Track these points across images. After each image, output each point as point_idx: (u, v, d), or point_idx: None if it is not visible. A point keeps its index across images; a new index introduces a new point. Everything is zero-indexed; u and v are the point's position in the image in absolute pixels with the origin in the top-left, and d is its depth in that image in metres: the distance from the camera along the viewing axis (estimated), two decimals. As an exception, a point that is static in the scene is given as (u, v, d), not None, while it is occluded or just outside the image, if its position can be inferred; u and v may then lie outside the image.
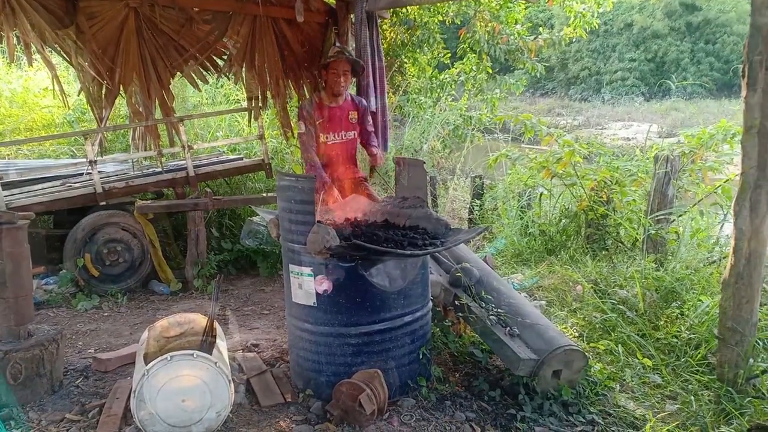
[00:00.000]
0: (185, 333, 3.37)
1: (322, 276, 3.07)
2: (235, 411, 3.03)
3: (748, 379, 3.12)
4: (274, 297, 5.05)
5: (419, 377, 3.22)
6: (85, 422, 2.98)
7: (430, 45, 10.15)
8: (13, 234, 3.19)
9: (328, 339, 3.14)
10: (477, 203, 6.87)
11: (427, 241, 3.11)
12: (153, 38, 4.83)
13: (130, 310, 4.72)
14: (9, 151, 5.95)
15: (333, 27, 5.13)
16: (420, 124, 9.28)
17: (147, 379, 2.81)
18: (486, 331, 3.31)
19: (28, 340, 3.21)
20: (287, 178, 3.21)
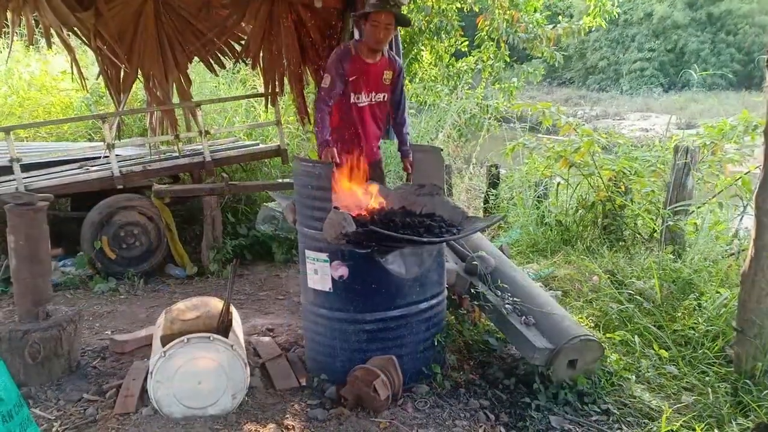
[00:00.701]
0: (201, 316, 3.39)
1: (338, 262, 3.08)
2: (250, 394, 3.04)
3: (767, 371, 3.09)
4: (289, 282, 5.07)
5: (434, 364, 3.22)
6: (102, 402, 3.01)
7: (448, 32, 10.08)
8: (32, 215, 3.22)
9: (344, 325, 3.15)
10: (493, 192, 6.84)
11: (443, 229, 3.09)
12: (171, 22, 4.84)
13: (147, 293, 4.76)
14: (27, 133, 5.99)
15: (351, 12, 5.09)
16: (436, 113, 9.23)
17: (164, 361, 2.84)
18: (501, 319, 3.30)
19: (47, 320, 3.25)
20: (304, 164, 3.21)
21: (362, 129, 4.12)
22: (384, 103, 4.15)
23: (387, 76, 4.09)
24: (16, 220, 3.17)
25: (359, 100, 4.04)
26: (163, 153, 5.81)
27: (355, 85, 3.99)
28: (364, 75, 3.99)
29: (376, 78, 4.05)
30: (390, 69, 4.10)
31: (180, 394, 2.85)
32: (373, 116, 4.14)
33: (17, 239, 3.17)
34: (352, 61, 3.95)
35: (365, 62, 3.97)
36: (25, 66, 6.89)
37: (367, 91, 4.05)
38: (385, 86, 4.11)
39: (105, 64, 4.87)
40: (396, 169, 7.92)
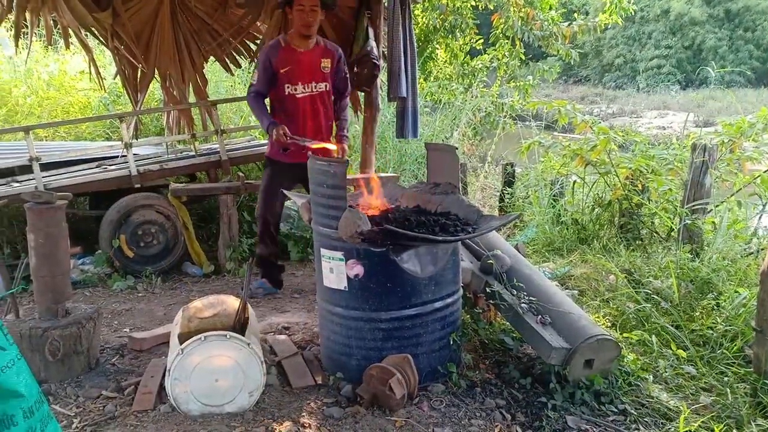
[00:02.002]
0: (218, 314, 3.41)
1: (353, 260, 3.08)
2: (267, 392, 3.06)
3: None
4: (304, 281, 5.08)
5: (449, 363, 3.21)
6: (121, 399, 3.04)
7: (463, 31, 10.08)
8: (51, 214, 3.25)
9: (359, 323, 3.15)
10: (508, 191, 6.82)
11: (459, 228, 3.09)
12: (187, 22, 4.88)
13: (164, 291, 4.80)
14: (46, 132, 6.06)
15: (366, 11, 5.10)
16: (451, 111, 9.22)
17: (182, 359, 2.86)
18: (517, 319, 3.29)
19: (66, 317, 3.28)
20: (319, 163, 3.22)
21: (303, 122, 4.07)
22: (328, 93, 4.07)
23: (325, 64, 4.01)
24: (36, 219, 3.21)
25: (296, 91, 3.98)
26: (180, 152, 5.85)
27: (289, 76, 3.95)
28: (298, 65, 3.94)
29: (312, 67, 3.98)
30: (327, 57, 4.03)
31: (197, 392, 2.88)
32: (314, 108, 4.06)
33: (37, 238, 3.21)
34: (281, 53, 3.94)
35: (297, 51, 3.94)
36: (44, 66, 6.97)
37: (303, 82, 3.98)
38: (324, 75, 4.03)
39: (122, 64, 4.92)
40: (411, 168, 7.94)
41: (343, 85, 4.15)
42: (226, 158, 5.47)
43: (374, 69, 5.04)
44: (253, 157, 5.87)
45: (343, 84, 4.15)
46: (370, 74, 5.06)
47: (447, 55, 10.18)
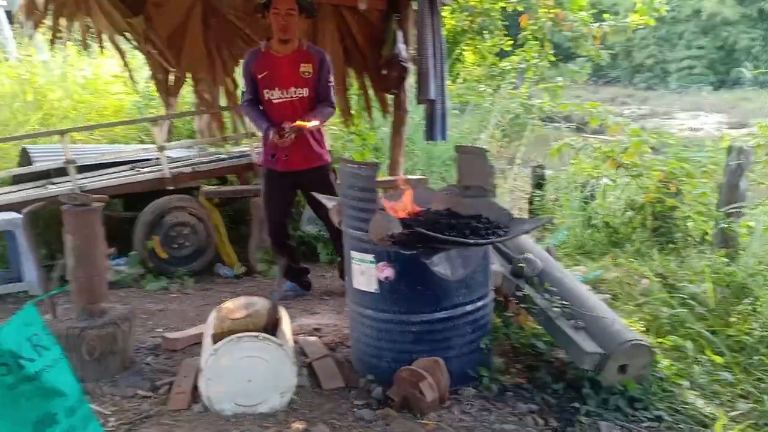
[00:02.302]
0: (250, 315, 3.44)
1: (383, 263, 3.09)
2: (298, 393, 3.07)
3: (827, 380, 2.99)
4: (333, 283, 5.10)
5: (480, 367, 3.20)
6: (155, 398, 3.09)
7: (491, 32, 10.04)
8: (88, 216, 3.32)
9: (389, 326, 3.16)
10: (538, 193, 6.76)
11: (490, 231, 3.08)
12: (218, 27, 4.93)
13: (196, 292, 4.85)
14: (81, 135, 6.17)
15: (394, 14, 5.11)
16: (479, 113, 9.18)
17: (215, 359, 2.89)
18: (549, 323, 3.27)
19: (102, 318, 3.34)
20: (350, 166, 3.24)
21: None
22: (309, 98, 3.92)
23: (305, 69, 3.88)
24: (73, 221, 3.27)
25: (273, 96, 3.90)
26: (211, 155, 5.92)
27: (266, 82, 3.88)
28: (275, 70, 3.87)
29: (291, 71, 3.86)
30: (308, 61, 3.88)
31: (230, 392, 2.91)
32: (293, 114, 3.90)
33: (74, 239, 3.27)
34: (260, 59, 3.89)
35: (275, 56, 3.86)
36: (78, 70, 7.11)
37: (280, 87, 3.87)
38: (304, 80, 3.89)
39: (155, 68, 4.99)
40: (439, 170, 7.92)
41: (324, 93, 3.98)
42: (257, 161, 5.52)
43: (403, 71, 5.05)
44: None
45: (325, 92, 3.98)
46: (399, 77, 5.08)
47: (475, 56, 10.13)
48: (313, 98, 3.96)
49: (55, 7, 4.48)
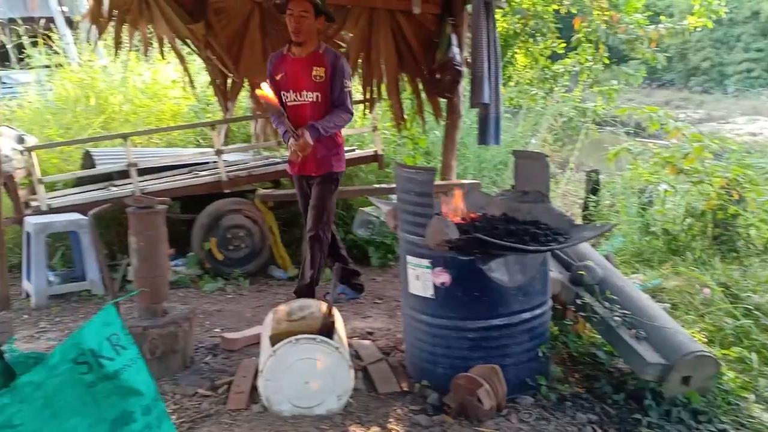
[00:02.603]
0: (306, 317, 3.48)
1: (440, 268, 3.08)
2: (354, 396, 3.09)
3: None
4: (385, 287, 5.11)
5: (538, 376, 3.15)
6: (215, 398, 3.14)
7: (544, 35, 9.92)
8: (152, 218, 3.41)
9: (445, 332, 3.14)
10: (592, 199, 6.64)
11: (549, 237, 3.04)
12: (275, 33, 5.00)
13: (251, 293, 4.92)
14: (140, 139, 6.34)
15: (449, 18, 5.09)
16: (531, 116, 9.08)
17: (273, 360, 2.93)
18: (610, 332, 3.20)
19: (164, 317, 3.43)
20: (407, 171, 3.24)
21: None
22: (320, 104, 3.86)
23: (317, 72, 3.81)
24: (138, 223, 3.36)
25: (288, 99, 3.89)
26: (266, 159, 6.00)
27: (282, 83, 3.87)
28: (289, 72, 3.84)
29: (303, 74, 3.82)
30: (320, 65, 3.81)
31: (288, 393, 2.94)
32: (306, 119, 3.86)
33: (138, 240, 3.36)
34: (279, 60, 3.89)
35: (290, 58, 3.84)
36: (138, 75, 7.31)
37: (294, 90, 3.85)
38: (316, 84, 3.82)
39: (214, 74, 5.09)
40: (490, 174, 7.86)
41: (340, 99, 3.89)
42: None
43: (457, 75, 5.03)
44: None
45: (340, 98, 3.89)
46: (453, 80, 5.07)
47: (527, 59, 10.02)
48: (325, 103, 3.89)
49: (119, 14, 4.63)
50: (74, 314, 4.49)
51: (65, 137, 6.24)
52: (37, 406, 1.48)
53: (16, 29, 8.14)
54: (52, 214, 4.87)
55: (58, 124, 6.48)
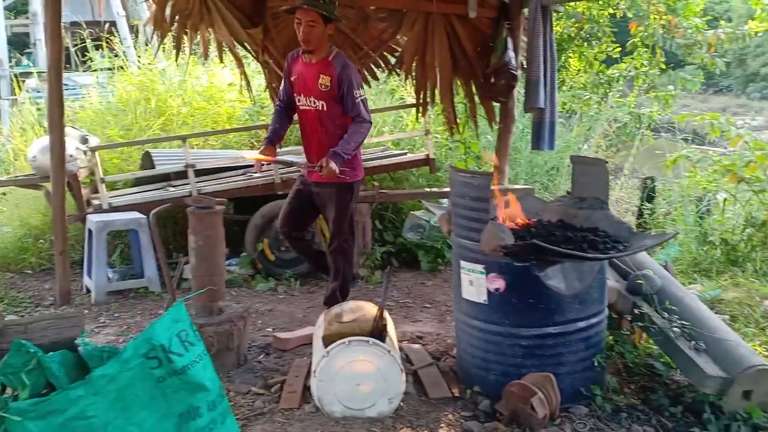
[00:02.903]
0: (357, 320, 3.50)
1: (494, 274, 3.06)
2: (405, 400, 3.10)
3: None
4: (435, 291, 5.10)
5: (593, 385, 3.10)
6: (268, 396, 3.19)
7: (599, 39, 9.76)
8: (211, 218, 3.48)
9: (498, 338, 3.12)
10: (647, 206, 6.49)
11: (608, 245, 2.98)
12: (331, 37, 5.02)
13: (303, 294, 4.98)
14: (196, 141, 6.47)
15: (505, 21, 5.05)
16: (585, 122, 8.94)
17: (327, 361, 2.96)
18: (668, 343, 3.13)
19: (220, 315, 3.50)
20: (462, 175, 3.23)
21: (308, 134, 3.91)
22: (327, 113, 3.79)
23: (323, 81, 3.73)
24: (197, 222, 3.44)
25: (300, 102, 3.86)
26: (318, 161, 6.05)
27: (296, 85, 3.86)
28: (303, 76, 3.81)
29: (311, 81, 3.78)
30: (327, 73, 3.73)
31: (340, 394, 2.96)
32: (314, 125, 3.83)
33: (197, 240, 3.44)
34: (294, 60, 3.88)
35: (304, 63, 3.81)
36: (196, 78, 7.47)
37: (305, 94, 3.82)
38: (321, 93, 3.75)
39: (271, 77, 5.17)
40: (542, 180, 7.77)
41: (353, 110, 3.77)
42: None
43: (512, 80, 4.98)
44: (388, 167, 5.99)
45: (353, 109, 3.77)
46: (508, 85, 5.02)
47: (581, 64, 9.87)
48: (329, 113, 3.81)
49: (180, 19, 4.74)
50: (132, 310, 4.62)
51: (125, 138, 6.43)
52: (109, 399, 1.54)
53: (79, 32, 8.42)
54: (112, 212, 5.02)
55: (119, 126, 6.68)
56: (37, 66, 11.93)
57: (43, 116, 7.18)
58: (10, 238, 5.88)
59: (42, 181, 5.07)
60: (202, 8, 4.59)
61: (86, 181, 5.50)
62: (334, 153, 3.68)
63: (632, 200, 7.79)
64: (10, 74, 11.26)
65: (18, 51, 16.80)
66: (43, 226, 5.91)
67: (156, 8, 4.65)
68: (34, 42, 13.65)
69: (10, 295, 4.97)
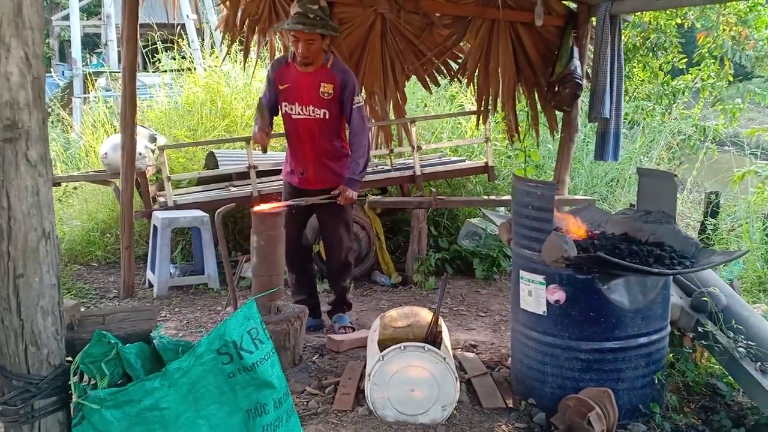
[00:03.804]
0: (411, 325, 3.51)
1: (555, 285, 3.02)
2: (458, 408, 3.09)
3: None
4: (489, 300, 5.07)
5: (652, 403, 3.03)
6: (322, 397, 3.23)
7: (665, 49, 9.53)
8: (273, 218, 3.55)
9: (556, 351, 3.08)
10: (710, 222, 6.29)
11: (675, 260, 2.91)
12: (395, 43, 5.08)
13: (356, 297, 5.01)
14: (258, 142, 6.59)
15: (572, 30, 5.00)
16: (648, 133, 8.74)
17: (381, 365, 2.98)
18: (733, 363, 3.03)
19: (278, 314, 3.56)
20: (525, 184, 3.20)
21: (302, 144, 3.88)
22: (328, 121, 3.80)
23: (325, 89, 3.73)
24: (260, 222, 3.51)
25: (292, 111, 3.80)
26: (375, 166, 6.10)
27: (287, 94, 3.79)
28: (296, 85, 3.75)
29: (311, 90, 3.74)
30: (329, 82, 3.73)
31: (394, 399, 2.98)
32: (312, 133, 3.82)
33: (259, 240, 3.51)
34: (283, 69, 3.81)
35: (298, 71, 3.75)
36: (260, 81, 7.62)
37: (300, 103, 3.77)
38: (323, 101, 3.75)
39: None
40: (601, 191, 7.62)
41: (353, 119, 3.83)
42: (419, 174, 5.63)
43: (576, 89, 4.92)
44: (446, 174, 5.99)
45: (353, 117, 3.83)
46: (572, 94, 4.96)
47: (646, 74, 9.65)
48: (333, 120, 3.84)
49: (249, 23, 4.86)
50: (191, 306, 4.75)
51: (191, 138, 6.62)
52: (182, 392, 1.59)
53: (150, 34, 8.71)
54: (177, 210, 5.16)
55: (186, 126, 6.87)
56: (108, 66, 12.41)
57: (113, 114, 7.45)
58: (79, 232, 6.11)
59: (112, 178, 5.27)
60: (271, 13, 4.71)
61: (153, 178, 5.68)
62: (351, 180, 3.81)
63: (693, 215, 7.58)
64: (83, 73, 11.72)
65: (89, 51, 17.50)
66: (109, 221, 6.13)
67: (229, 13, 4.78)
68: (106, 42, 14.21)
69: (77, 286, 5.17)
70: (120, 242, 5.05)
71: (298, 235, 4.15)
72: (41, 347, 1.70)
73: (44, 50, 2.37)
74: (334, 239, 4.13)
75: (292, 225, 3.92)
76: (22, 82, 1.60)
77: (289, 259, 4.01)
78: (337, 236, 4.11)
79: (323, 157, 3.91)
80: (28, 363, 1.69)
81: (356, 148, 3.87)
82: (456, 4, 4.97)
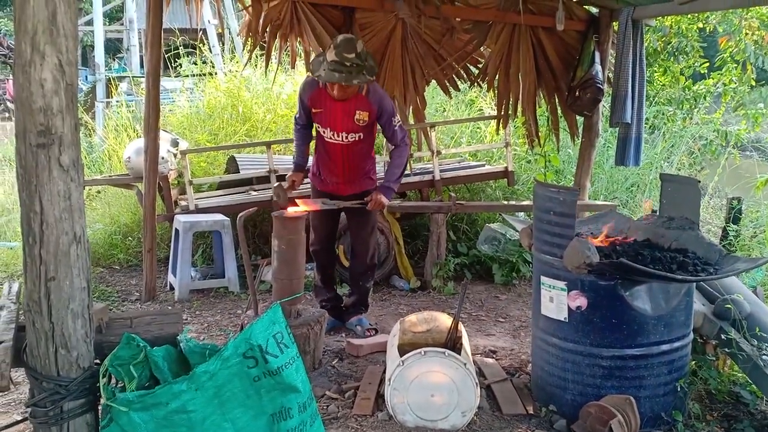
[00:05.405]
0: (431, 330, 3.53)
1: (576, 291, 3.01)
2: (478, 414, 3.08)
3: None
4: (509, 305, 5.05)
5: (674, 411, 3.01)
6: (342, 401, 3.24)
7: (686, 54, 9.46)
8: (294, 223, 3.58)
9: (577, 357, 3.06)
10: (732, 228, 6.22)
11: (699, 267, 2.89)
12: (415, 48, 5.09)
13: (375, 302, 5.02)
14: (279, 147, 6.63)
15: (594, 35, 4.98)
16: (669, 138, 8.66)
17: (401, 370, 2.98)
18: (756, 371, 3.00)
19: (297, 318, 3.58)
20: (547, 189, 3.20)
21: (337, 163, 3.92)
22: (362, 141, 3.84)
23: (360, 116, 3.73)
24: (281, 227, 3.54)
25: (325, 135, 3.82)
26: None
27: (320, 118, 3.79)
28: (329, 111, 3.74)
29: (345, 117, 3.73)
30: (365, 110, 3.71)
31: (414, 404, 2.98)
32: (346, 154, 3.87)
33: (280, 244, 3.54)
34: (315, 93, 3.76)
35: (330, 99, 3.71)
36: (280, 86, 7.66)
37: (333, 128, 3.77)
38: (358, 127, 3.75)
39: (356, 87, 5.27)
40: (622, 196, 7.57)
41: (393, 138, 3.93)
42: (439, 178, 5.63)
43: (598, 94, 4.91)
44: (465, 178, 5.98)
45: (393, 136, 3.92)
46: (593, 98, 4.94)
47: (667, 79, 9.58)
48: (368, 138, 3.91)
49: (271, 28, 4.89)
50: (212, 309, 4.78)
51: (212, 143, 6.67)
52: (209, 395, 1.61)
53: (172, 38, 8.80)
54: (198, 213, 5.21)
55: (207, 130, 6.93)
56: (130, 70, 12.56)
57: (135, 119, 7.54)
58: (101, 235, 6.18)
59: (135, 181, 5.33)
60: (293, 19, 4.74)
61: (175, 182, 5.73)
62: (385, 187, 3.88)
63: (714, 221, 7.50)
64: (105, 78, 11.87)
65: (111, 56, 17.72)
66: (131, 224, 6.19)
67: (251, 18, 4.82)
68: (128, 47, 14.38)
69: (99, 288, 5.23)
70: (142, 245, 5.10)
71: (330, 235, 4.27)
72: (71, 350, 1.72)
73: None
74: (361, 241, 4.20)
75: (323, 226, 4.11)
76: (55, 89, 1.63)
77: (319, 259, 4.21)
78: (365, 239, 4.19)
79: (353, 171, 3.99)
80: (57, 365, 1.72)
81: (396, 158, 3.97)
82: (477, 9, 4.98)
